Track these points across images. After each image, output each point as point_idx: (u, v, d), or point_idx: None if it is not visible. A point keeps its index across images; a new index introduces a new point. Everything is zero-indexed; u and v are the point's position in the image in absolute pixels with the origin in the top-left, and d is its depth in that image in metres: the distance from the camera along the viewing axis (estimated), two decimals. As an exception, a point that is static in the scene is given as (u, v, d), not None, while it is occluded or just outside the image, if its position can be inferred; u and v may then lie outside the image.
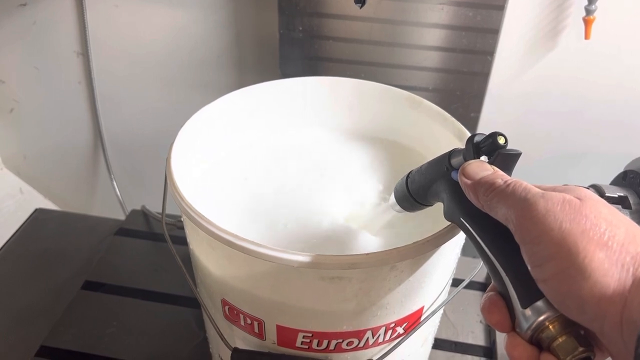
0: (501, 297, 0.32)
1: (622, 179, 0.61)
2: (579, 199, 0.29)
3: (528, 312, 0.30)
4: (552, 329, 0.29)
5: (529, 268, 0.30)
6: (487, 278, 0.78)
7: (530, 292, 0.30)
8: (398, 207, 0.47)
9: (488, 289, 0.34)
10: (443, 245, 0.42)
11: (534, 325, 0.30)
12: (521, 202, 0.31)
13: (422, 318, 0.48)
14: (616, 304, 0.26)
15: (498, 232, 0.33)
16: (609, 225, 0.28)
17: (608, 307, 0.26)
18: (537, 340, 0.30)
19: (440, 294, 0.49)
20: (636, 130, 0.86)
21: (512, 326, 0.32)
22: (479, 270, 0.55)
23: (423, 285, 0.45)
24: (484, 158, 0.37)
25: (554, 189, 0.31)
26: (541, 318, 0.29)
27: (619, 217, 0.29)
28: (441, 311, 0.53)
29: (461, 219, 0.37)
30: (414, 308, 0.47)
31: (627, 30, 0.78)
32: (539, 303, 0.30)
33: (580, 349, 0.29)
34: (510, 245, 0.31)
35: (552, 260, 0.28)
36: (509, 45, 0.80)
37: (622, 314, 0.26)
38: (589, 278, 0.27)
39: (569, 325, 0.29)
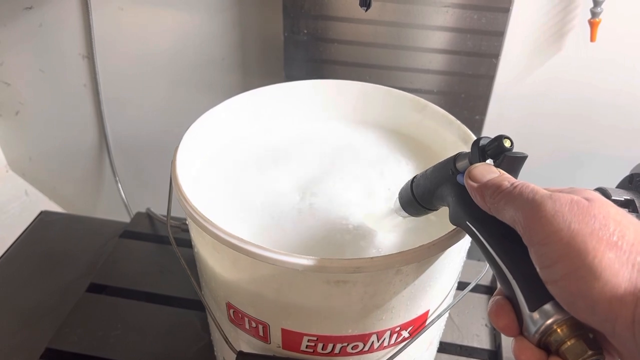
0: (508, 301, 0.32)
1: (629, 182, 0.61)
2: (587, 199, 0.29)
3: (536, 315, 0.30)
4: (560, 332, 0.29)
5: (538, 269, 0.30)
6: (493, 281, 0.77)
7: (538, 295, 0.30)
8: (403, 213, 0.47)
9: (495, 292, 0.34)
10: (448, 249, 0.42)
11: (542, 329, 0.29)
12: (529, 204, 0.31)
13: (428, 322, 0.48)
14: (628, 304, 0.26)
15: (504, 235, 0.33)
16: (618, 226, 0.28)
17: (619, 307, 0.26)
18: (545, 344, 0.30)
19: (445, 297, 0.49)
20: (642, 133, 0.86)
21: (520, 330, 0.31)
22: (484, 273, 0.55)
23: (428, 289, 0.45)
24: (489, 161, 0.37)
25: (560, 191, 0.31)
26: (549, 321, 0.29)
27: (628, 218, 0.29)
28: (446, 315, 0.52)
29: (467, 222, 0.37)
30: (419, 312, 0.46)
31: (633, 33, 0.77)
32: (547, 306, 0.29)
33: (590, 352, 0.28)
34: (517, 248, 0.31)
35: (562, 261, 0.28)
36: (514, 48, 0.80)
37: (634, 314, 0.26)
38: (600, 278, 0.26)
39: (577, 329, 0.29)
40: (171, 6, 0.87)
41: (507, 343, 0.68)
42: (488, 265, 0.34)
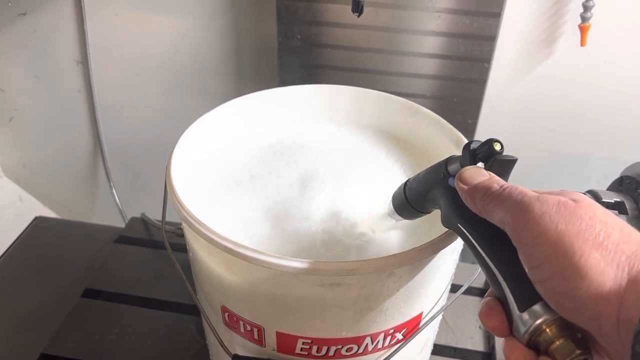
0: (499, 302, 0.33)
1: (619, 185, 0.61)
2: (573, 201, 0.30)
3: (525, 315, 0.30)
4: (549, 332, 0.29)
5: (526, 270, 0.30)
6: (486, 284, 0.78)
7: (527, 296, 0.30)
8: (397, 216, 0.47)
9: (486, 294, 0.34)
10: (441, 251, 0.42)
11: (531, 329, 0.30)
12: (517, 205, 0.31)
13: (421, 324, 0.49)
14: (612, 302, 0.26)
15: (495, 238, 0.33)
16: (604, 226, 0.28)
17: (605, 306, 0.26)
18: (535, 344, 0.30)
19: (439, 299, 0.50)
20: (632, 136, 0.86)
21: (510, 330, 0.32)
22: (476, 276, 0.55)
23: (422, 291, 0.45)
24: (480, 164, 0.38)
25: (549, 194, 0.32)
26: (538, 321, 0.30)
27: (613, 219, 0.29)
28: (440, 317, 0.53)
29: (458, 225, 0.37)
30: (413, 314, 0.47)
31: (622, 37, 0.78)
32: (536, 307, 0.30)
33: (578, 351, 0.29)
34: (507, 250, 0.32)
35: (549, 261, 0.28)
36: (506, 53, 0.81)
37: (618, 313, 0.26)
38: (586, 278, 0.27)
39: (566, 329, 0.29)
40: (165, 12, 0.88)
41: (501, 345, 0.69)
42: (480, 267, 0.35)
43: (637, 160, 0.63)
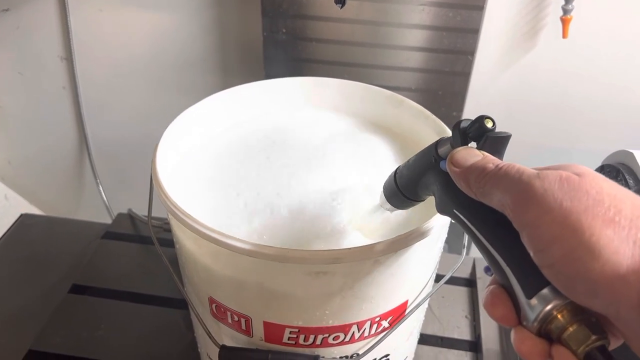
0: (504, 290, 0.30)
1: (600, 173, 0.62)
2: (577, 174, 0.27)
3: (534, 301, 0.28)
4: (561, 318, 0.27)
5: (532, 254, 0.28)
6: (472, 274, 0.79)
7: (535, 281, 0.28)
8: (388, 206, 0.45)
9: (489, 282, 0.32)
10: (426, 239, 0.42)
11: (541, 316, 0.27)
12: (516, 185, 0.28)
13: (407, 311, 0.49)
14: (631, 283, 0.24)
15: (494, 221, 0.31)
16: (613, 200, 0.26)
17: (623, 287, 0.24)
18: (547, 332, 0.28)
19: (424, 287, 0.50)
20: (613, 126, 0.88)
21: (518, 319, 0.29)
22: (459, 264, 0.55)
23: (407, 278, 0.46)
24: (472, 144, 0.36)
25: (549, 169, 0.29)
26: (548, 307, 0.27)
27: (623, 191, 0.27)
28: (426, 305, 0.53)
29: (454, 210, 0.35)
30: (399, 302, 0.47)
31: (603, 29, 0.79)
32: (545, 291, 0.27)
33: (594, 337, 0.26)
34: (508, 233, 0.29)
35: (557, 243, 0.26)
36: (489, 45, 0.82)
37: (639, 294, 0.24)
38: (599, 257, 0.24)
39: (579, 313, 0.27)
40: (150, 8, 0.87)
41: (487, 333, 0.70)
42: (481, 255, 0.32)
43: (618, 149, 0.64)
